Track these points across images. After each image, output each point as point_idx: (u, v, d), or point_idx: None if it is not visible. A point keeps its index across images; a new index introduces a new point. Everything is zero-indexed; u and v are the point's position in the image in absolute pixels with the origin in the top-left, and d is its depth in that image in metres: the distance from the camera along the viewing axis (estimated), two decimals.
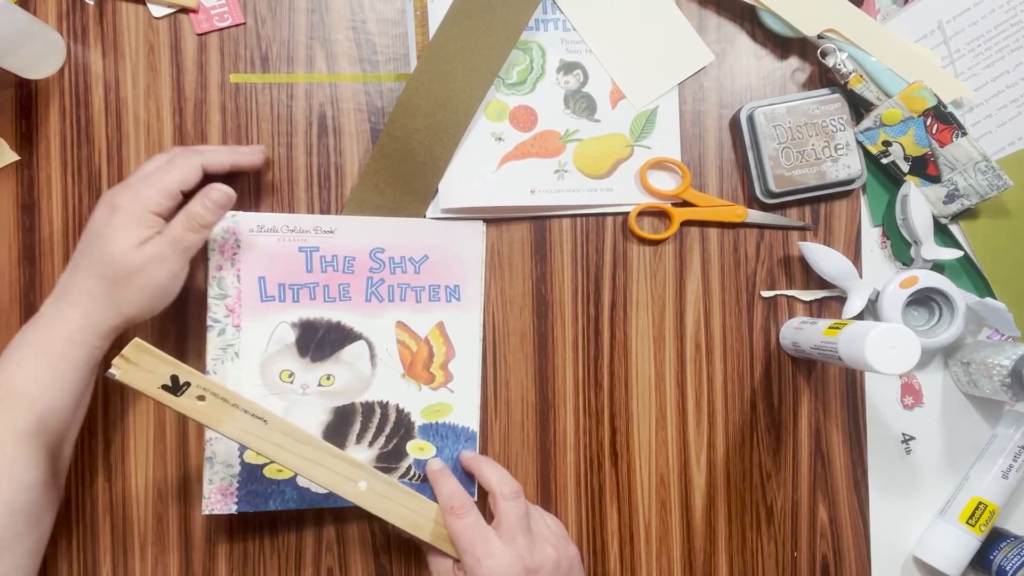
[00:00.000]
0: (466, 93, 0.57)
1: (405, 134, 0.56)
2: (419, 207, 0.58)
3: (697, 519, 0.62)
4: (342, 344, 0.56)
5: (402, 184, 0.57)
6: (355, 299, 0.56)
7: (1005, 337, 0.63)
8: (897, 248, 0.63)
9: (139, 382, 0.45)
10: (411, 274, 0.57)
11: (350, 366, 0.56)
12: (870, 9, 0.62)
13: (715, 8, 0.62)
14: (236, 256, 0.54)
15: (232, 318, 0.54)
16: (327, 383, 0.55)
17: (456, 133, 0.57)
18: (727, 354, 0.62)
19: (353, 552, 0.59)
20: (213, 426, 0.46)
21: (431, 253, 0.58)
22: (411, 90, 0.56)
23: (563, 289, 0.61)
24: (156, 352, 0.45)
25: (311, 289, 0.55)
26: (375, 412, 0.56)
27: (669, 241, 0.62)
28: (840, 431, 0.63)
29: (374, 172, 0.57)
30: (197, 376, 0.46)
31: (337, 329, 0.56)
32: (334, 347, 0.56)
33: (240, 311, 0.54)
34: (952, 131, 0.59)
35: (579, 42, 0.60)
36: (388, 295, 0.57)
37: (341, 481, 0.49)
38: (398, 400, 0.57)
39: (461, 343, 0.58)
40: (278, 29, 0.58)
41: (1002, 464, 0.61)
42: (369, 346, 0.56)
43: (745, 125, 0.61)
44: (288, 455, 0.48)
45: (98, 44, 0.57)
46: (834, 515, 0.63)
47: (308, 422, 0.54)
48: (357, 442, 0.56)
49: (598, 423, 0.61)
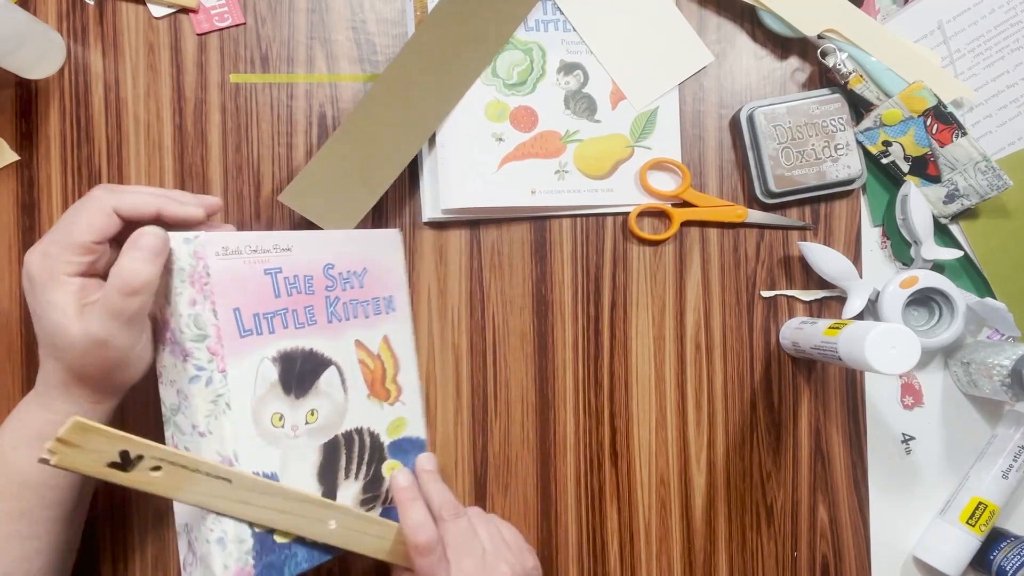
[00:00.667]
0: (442, 96, 0.57)
1: (372, 124, 0.56)
2: (365, 200, 0.56)
3: (697, 519, 0.62)
4: (317, 373, 0.50)
5: (356, 172, 0.55)
6: (319, 322, 0.51)
7: (1005, 337, 0.63)
8: (897, 248, 0.63)
9: (81, 464, 0.39)
10: (357, 288, 0.53)
11: (328, 396, 0.51)
12: (870, 9, 0.62)
13: (715, 8, 0.62)
14: (207, 287, 0.45)
15: (217, 362, 0.45)
16: (312, 419, 0.50)
17: (424, 133, 0.57)
18: (727, 354, 0.62)
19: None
20: (171, 495, 0.42)
21: (368, 265, 0.54)
22: (387, 81, 0.56)
23: (563, 289, 0.61)
24: (101, 429, 0.39)
25: (283, 316, 0.49)
26: (355, 441, 0.52)
27: (669, 241, 0.62)
28: (840, 431, 0.63)
29: (330, 154, 0.55)
30: (150, 447, 0.41)
31: (311, 358, 0.50)
32: (311, 378, 0.50)
33: (223, 352, 0.45)
34: (952, 131, 0.59)
35: (579, 43, 0.60)
36: (344, 313, 0.52)
37: (311, 524, 0.47)
38: (368, 423, 0.53)
39: (402, 354, 0.57)
40: (278, 29, 0.58)
41: (1002, 464, 0.61)
42: (339, 371, 0.52)
43: (745, 125, 0.61)
44: (255, 510, 0.45)
45: (98, 44, 0.57)
46: (834, 515, 0.63)
47: (304, 466, 0.49)
48: (346, 477, 0.51)
49: (598, 423, 0.61)
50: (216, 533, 0.45)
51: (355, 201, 0.56)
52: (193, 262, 0.44)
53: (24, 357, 0.56)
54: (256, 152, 0.58)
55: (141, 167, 0.57)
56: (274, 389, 0.48)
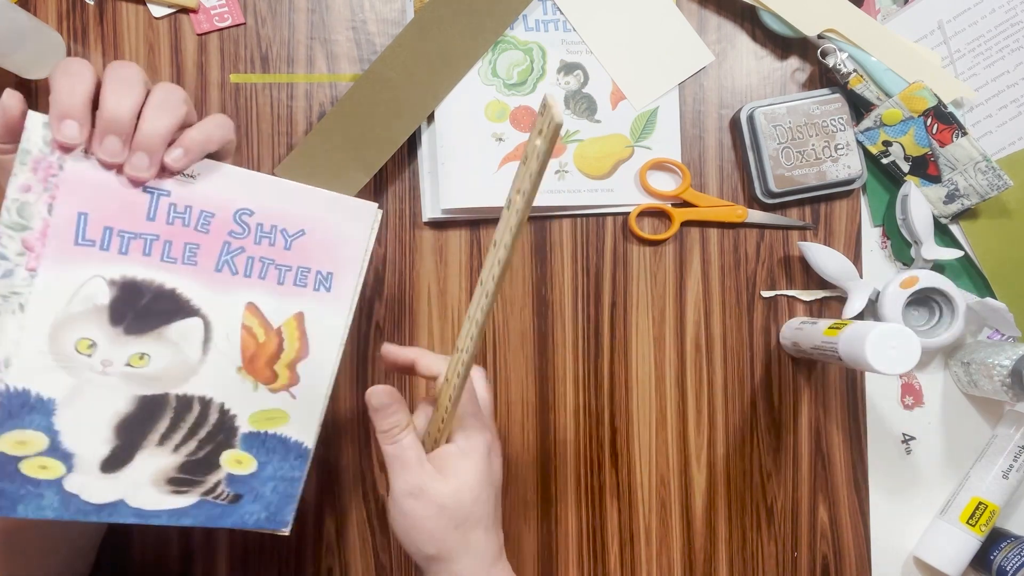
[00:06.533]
0: (440, 76, 0.57)
1: (369, 101, 0.56)
2: (361, 177, 0.56)
3: (697, 519, 0.62)
4: (170, 318, 0.43)
5: (352, 149, 0.56)
6: (202, 265, 0.44)
7: (1005, 337, 0.63)
8: (897, 248, 0.63)
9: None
10: (280, 248, 0.46)
11: (174, 347, 0.44)
12: (870, 9, 0.62)
13: (715, 8, 0.62)
14: (54, 179, 0.40)
15: (28, 258, 0.40)
16: (139, 364, 0.43)
17: (421, 113, 0.57)
18: (727, 354, 0.62)
19: (353, 552, 0.59)
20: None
21: (309, 228, 0.47)
22: (385, 60, 0.56)
23: (563, 289, 0.61)
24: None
25: (147, 242, 0.42)
26: (191, 409, 0.45)
27: (669, 241, 0.62)
28: (840, 431, 0.63)
29: (326, 130, 0.56)
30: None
31: (169, 298, 0.43)
32: (159, 320, 0.43)
33: (42, 251, 0.40)
34: (952, 131, 0.59)
35: (579, 43, 0.60)
36: (245, 269, 0.45)
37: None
38: (224, 398, 0.45)
39: (318, 343, 0.48)
40: (278, 29, 0.58)
41: (1002, 464, 0.61)
42: (206, 326, 0.44)
43: (745, 125, 0.61)
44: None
45: (98, 44, 0.57)
46: (834, 515, 0.63)
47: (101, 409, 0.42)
48: (160, 443, 0.44)
49: (598, 423, 0.61)
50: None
51: (350, 178, 0.56)
52: (45, 150, 0.39)
53: None
54: (256, 152, 0.58)
55: None
56: (97, 313, 0.42)
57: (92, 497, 0.42)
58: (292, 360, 0.47)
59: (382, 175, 0.59)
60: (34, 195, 0.40)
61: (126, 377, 0.42)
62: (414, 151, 0.59)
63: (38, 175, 0.39)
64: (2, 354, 0.40)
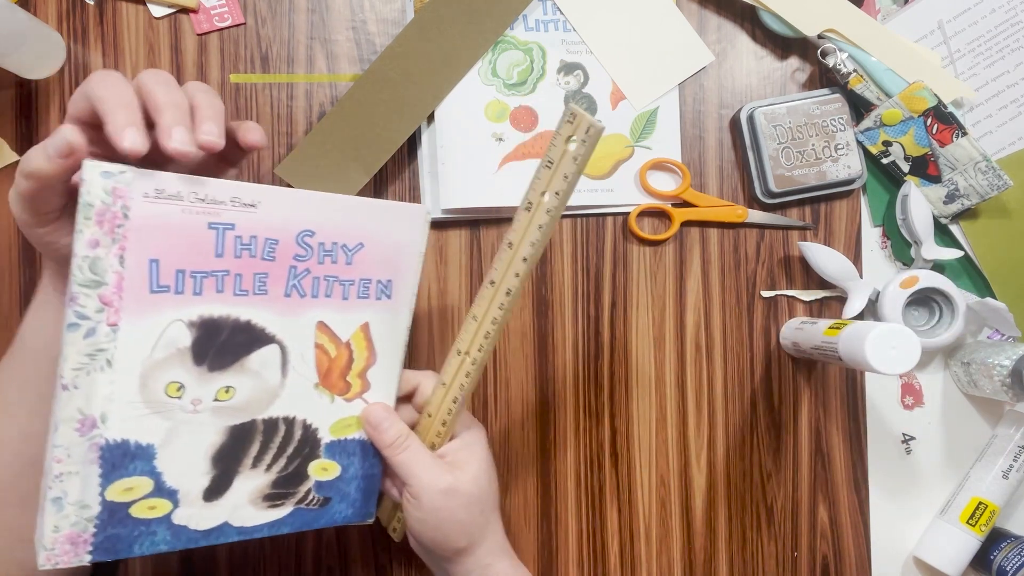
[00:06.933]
0: (440, 76, 0.57)
1: (369, 101, 0.56)
2: (360, 177, 0.57)
3: (697, 519, 0.62)
4: (249, 349, 0.44)
5: (351, 149, 0.56)
6: (272, 293, 0.45)
7: (1005, 337, 0.63)
8: (897, 248, 0.63)
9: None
10: (341, 265, 0.47)
11: (256, 375, 0.45)
12: (870, 9, 0.62)
13: (715, 8, 0.62)
14: (120, 230, 0.39)
15: (107, 314, 0.40)
16: (225, 397, 0.44)
17: (421, 113, 0.57)
18: (727, 354, 0.62)
19: (353, 552, 0.59)
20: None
21: (367, 240, 0.47)
22: (385, 60, 0.56)
23: (563, 289, 0.61)
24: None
25: (219, 279, 0.43)
26: (278, 430, 0.46)
27: (669, 241, 0.62)
28: (840, 431, 0.63)
29: (325, 130, 0.56)
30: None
31: (245, 330, 0.44)
32: (239, 353, 0.44)
33: (120, 305, 0.40)
34: (952, 131, 0.59)
35: (579, 43, 0.60)
36: (312, 289, 0.46)
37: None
38: (306, 415, 0.47)
39: (384, 348, 0.49)
40: (278, 29, 0.58)
41: (1002, 464, 0.61)
42: (282, 351, 0.46)
43: (745, 125, 0.61)
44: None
45: (98, 44, 0.57)
46: (834, 515, 0.63)
47: (196, 445, 0.44)
48: (253, 466, 0.46)
49: (598, 423, 0.61)
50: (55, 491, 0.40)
51: (350, 177, 0.56)
52: (107, 199, 0.39)
53: None
54: (256, 152, 0.58)
55: None
56: (180, 356, 0.42)
57: (199, 525, 0.45)
58: (362, 369, 0.49)
59: (382, 175, 0.59)
60: (103, 249, 0.39)
61: (215, 411, 0.44)
62: (414, 151, 0.59)
63: (104, 228, 0.39)
64: (98, 411, 0.40)
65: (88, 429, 0.41)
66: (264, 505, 0.47)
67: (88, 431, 0.40)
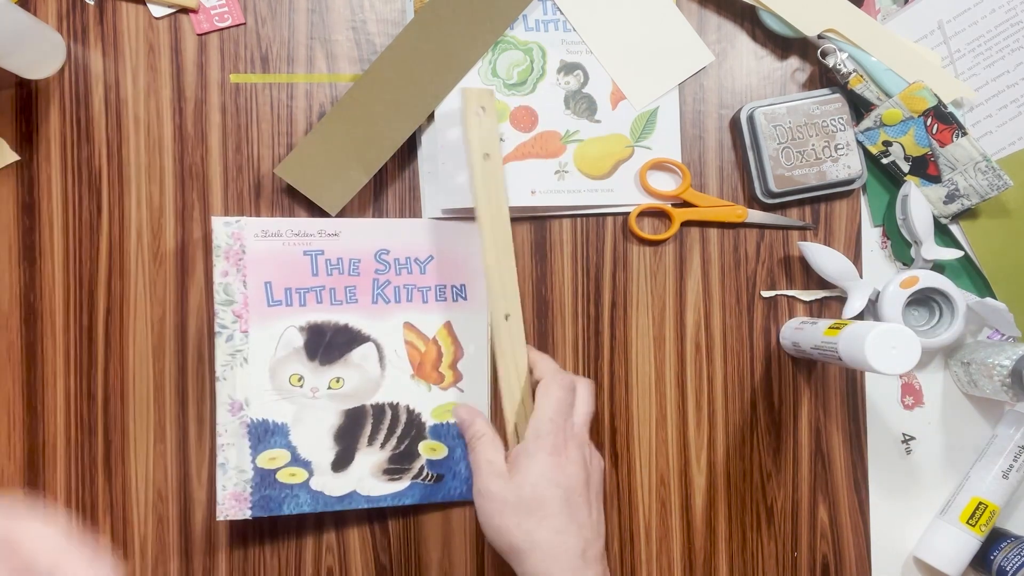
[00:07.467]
0: (440, 76, 0.57)
1: (369, 101, 0.56)
2: (360, 177, 0.57)
3: (697, 519, 0.62)
4: (350, 347, 0.56)
5: (351, 148, 0.56)
6: (362, 301, 0.56)
7: (1005, 337, 0.63)
8: (897, 248, 0.63)
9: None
10: (417, 275, 0.57)
11: (359, 368, 0.56)
12: (870, 9, 0.62)
13: (715, 8, 0.62)
14: (241, 262, 0.54)
15: (240, 324, 0.54)
16: (336, 386, 0.55)
17: (421, 113, 0.57)
18: (727, 354, 0.62)
19: (353, 552, 0.59)
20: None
21: (436, 253, 0.57)
22: (385, 60, 0.56)
23: (563, 289, 0.61)
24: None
25: (317, 292, 0.55)
26: (386, 413, 0.56)
27: (669, 241, 0.62)
28: (840, 431, 0.63)
29: (325, 130, 0.56)
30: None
31: (345, 332, 0.56)
32: (342, 350, 0.56)
33: (247, 316, 0.54)
34: (952, 131, 0.59)
35: (579, 43, 0.60)
36: (395, 296, 0.57)
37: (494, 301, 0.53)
38: (408, 401, 0.57)
39: (469, 342, 0.58)
40: (278, 29, 0.58)
41: (1002, 464, 0.61)
42: (377, 348, 0.56)
43: (745, 125, 0.61)
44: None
45: (98, 44, 0.57)
46: (834, 515, 0.63)
47: (320, 424, 0.55)
48: (369, 444, 0.56)
49: (598, 423, 0.61)
50: (220, 458, 0.53)
51: (349, 178, 0.57)
52: (230, 241, 0.54)
53: (24, 357, 0.57)
54: (256, 152, 0.58)
55: (141, 167, 0.57)
56: (297, 354, 0.55)
57: (333, 492, 0.55)
58: (452, 361, 0.58)
59: (382, 175, 0.59)
60: (231, 277, 0.54)
61: (331, 397, 0.56)
62: (414, 151, 0.59)
63: (230, 261, 0.54)
64: (242, 396, 0.54)
65: (237, 411, 0.54)
66: (385, 478, 0.56)
67: (237, 412, 0.54)
